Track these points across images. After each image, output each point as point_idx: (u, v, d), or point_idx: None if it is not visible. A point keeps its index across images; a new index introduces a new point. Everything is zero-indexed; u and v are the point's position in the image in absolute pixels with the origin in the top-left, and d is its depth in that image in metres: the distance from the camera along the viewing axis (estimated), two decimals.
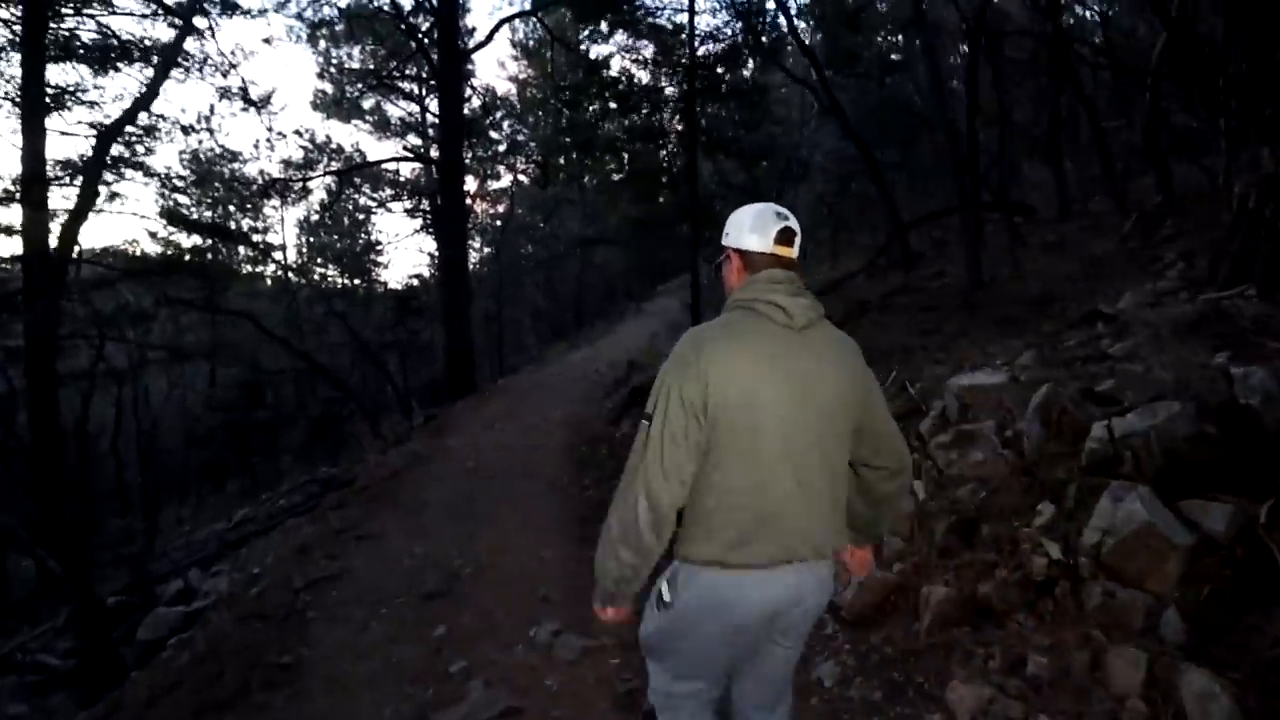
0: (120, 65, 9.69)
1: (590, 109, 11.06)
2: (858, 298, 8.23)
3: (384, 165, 21.58)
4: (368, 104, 23.12)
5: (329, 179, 15.30)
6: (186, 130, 11.50)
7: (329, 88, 20.92)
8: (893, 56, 14.35)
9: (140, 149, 11.46)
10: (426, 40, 12.91)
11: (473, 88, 14.04)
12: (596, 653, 2.91)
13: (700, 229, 9.78)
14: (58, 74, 9.49)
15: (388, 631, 3.49)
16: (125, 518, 13.85)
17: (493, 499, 5.75)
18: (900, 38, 14.41)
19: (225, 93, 12.67)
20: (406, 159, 17.23)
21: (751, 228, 1.40)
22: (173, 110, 28.41)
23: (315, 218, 24.97)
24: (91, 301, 12.54)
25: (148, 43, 10.12)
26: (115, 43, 9.70)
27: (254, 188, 14.40)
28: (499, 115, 23.79)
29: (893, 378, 4.16)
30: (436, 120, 19.45)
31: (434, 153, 16.76)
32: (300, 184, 14.21)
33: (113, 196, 11.04)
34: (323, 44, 18.08)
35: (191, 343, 15.48)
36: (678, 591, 1.39)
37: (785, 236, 1.38)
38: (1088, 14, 13.25)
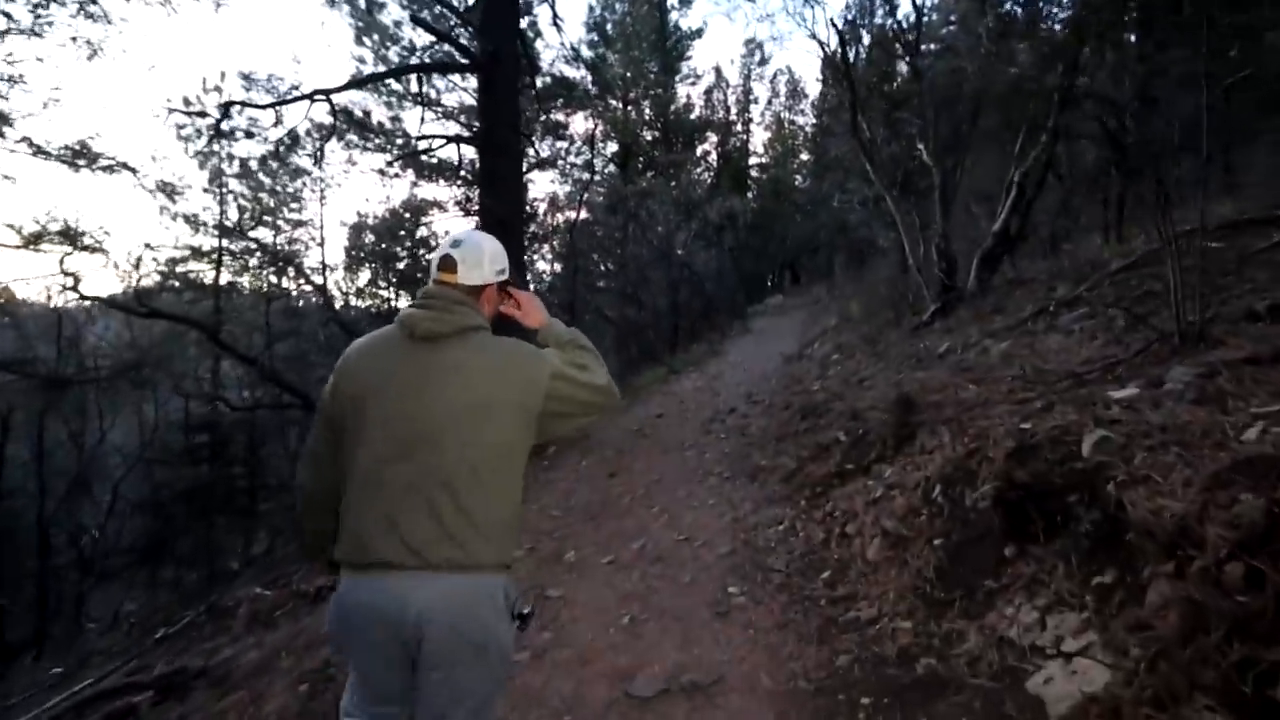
0: None
1: None
2: None
3: (419, 140, 16.31)
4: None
5: (312, 103, 9.15)
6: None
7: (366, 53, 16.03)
8: None
9: None
10: None
11: None
12: None
13: None
14: None
15: None
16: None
17: None
18: None
19: None
20: (436, 66, 11.39)
21: (434, 262, 1.50)
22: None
23: (359, 214, 20.04)
24: None
25: None
26: None
27: (200, 115, 8.92)
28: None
29: None
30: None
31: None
32: (271, 110, 8.67)
33: None
34: None
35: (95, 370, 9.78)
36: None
37: (445, 264, 1.46)
38: None
